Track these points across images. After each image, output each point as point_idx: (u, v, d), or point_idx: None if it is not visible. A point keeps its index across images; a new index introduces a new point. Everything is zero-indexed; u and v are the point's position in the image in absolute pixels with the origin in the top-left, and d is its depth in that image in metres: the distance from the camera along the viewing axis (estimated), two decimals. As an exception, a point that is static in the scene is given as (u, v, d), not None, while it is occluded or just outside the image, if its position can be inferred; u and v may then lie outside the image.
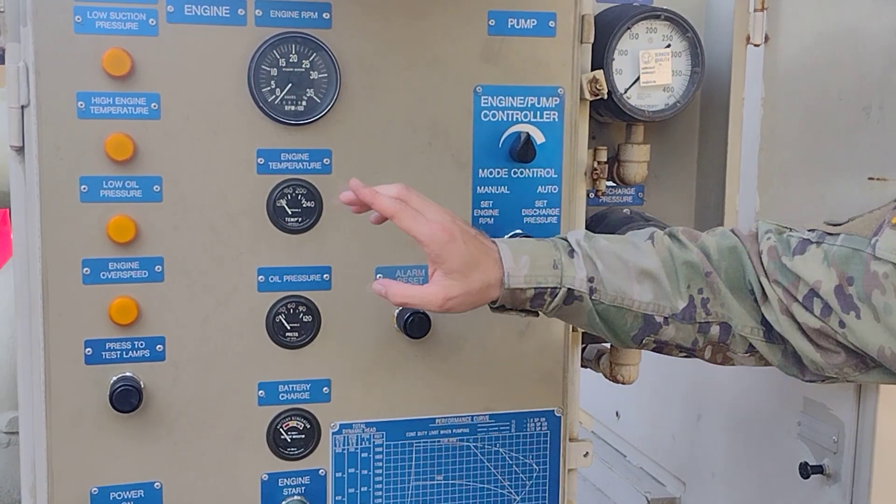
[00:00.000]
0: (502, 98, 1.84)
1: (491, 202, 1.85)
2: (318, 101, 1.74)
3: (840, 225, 1.50)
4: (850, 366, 1.48)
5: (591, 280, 1.54)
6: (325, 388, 1.82)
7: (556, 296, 1.54)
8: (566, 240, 1.59)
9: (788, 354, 1.54)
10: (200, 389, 1.75)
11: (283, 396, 1.80)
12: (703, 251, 1.56)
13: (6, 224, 5.71)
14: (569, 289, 1.54)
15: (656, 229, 1.63)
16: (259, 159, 1.74)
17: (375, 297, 1.79)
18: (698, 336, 1.55)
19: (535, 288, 1.54)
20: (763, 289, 1.51)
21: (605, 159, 1.98)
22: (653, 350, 1.60)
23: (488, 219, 1.85)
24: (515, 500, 1.93)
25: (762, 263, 1.51)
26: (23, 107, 1.65)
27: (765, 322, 1.53)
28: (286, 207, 1.76)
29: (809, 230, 1.51)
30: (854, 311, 1.41)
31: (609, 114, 1.99)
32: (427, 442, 1.88)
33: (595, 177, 1.97)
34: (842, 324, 1.43)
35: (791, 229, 1.54)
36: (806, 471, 2.34)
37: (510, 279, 1.53)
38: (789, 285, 1.47)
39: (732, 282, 1.54)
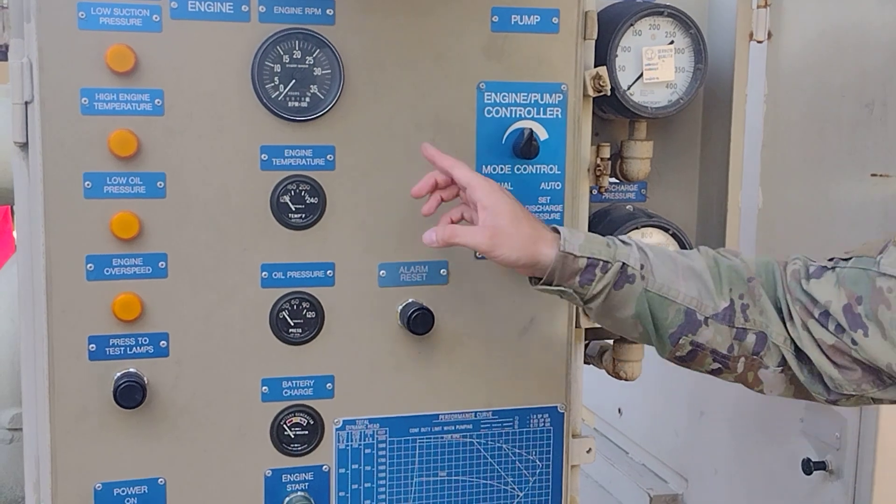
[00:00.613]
0: (505, 94, 1.84)
1: (494, 198, 1.85)
2: (322, 97, 1.75)
3: (853, 250, 1.55)
4: (868, 382, 1.51)
5: (641, 267, 1.59)
6: (329, 385, 1.82)
7: (607, 271, 1.58)
8: (621, 238, 1.65)
9: (814, 372, 1.56)
10: (204, 385, 1.76)
11: (286, 393, 1.80)
12: (743, 262, 1.62)
13: (8, 221, 5.71)
14: (622, 265, 1.58)
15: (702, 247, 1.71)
16: (262, 155, 1.74)
17: (378, 293, 1.81)
18: (734, 343, 1.58)
19: (588, 258, 1.58)
20: (788, 306, 1.56)
21: (608, 156, 1.98)
22: (686, 356, 1.61)
23: (491, 215, 1.85)
24: (518, 496, 1.93)
25: (786, 283, 1.57)
26: (26, 103, 1.65)
27: (791, 337, 1.57)
28: (289, 203, 1.76)
29: (829, 259, 1.56)
30: (862, 329, 1.46)
31: (612, 110, 1.99)
32: (430, 438, 1.88)
33: (598, 173, 1.97)
34: (853, 341, 1.48)
35: (815, 261, 1.60)
36: (808, 467, 2.34)
37: (566, 243, 1.59)
38: (807, 303, 1.53)
39: (768, 293, 1.59)
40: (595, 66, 1.89)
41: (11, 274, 2.26)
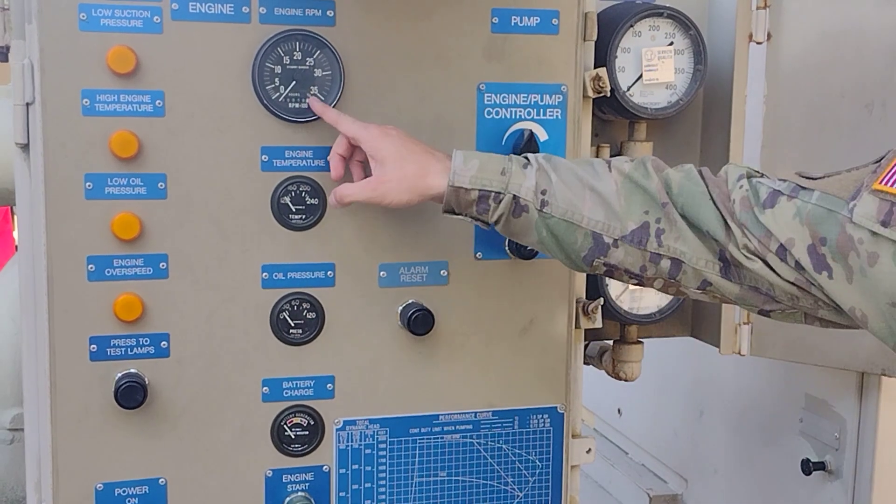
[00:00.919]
0: (506, 95, 1.84)
1: (494, 199, 1.85)
2: (322, 98, 1.75)
3: (814, 179, 1.45)
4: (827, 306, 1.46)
5: (543, 192, 1.56)
6: (329, 385, 1.82)
7: (500, 202, 1.57)
8: (526, 157, 1.61)
9: (746, 289, 1.51)
10: (205, 386, 1.76)
11: (287, 393, 1.80)
12: (665, 183, 1.55)
13: (8, 222, 5.71)
14: (514, 196, 1.57)
15: (621, 156, 1.64)
16: (263, 156, 1.74)
17: (379, 294, 1.81)
18: (648, 264, 1.54)
19: (480, 190, 1.58)
20: (736, 238, 1.47)
21: (608, 157, 1.98)
22: (604, 274, 1.61)
23: (491, 216, 1.85)
24: (518, 496, 1.94)
25: (734, 213, 1.48)
26: (28, 104, 1.65)
27: (722, 258, 1.51)
28: (290, 204, 1.76)
29: (780, 179, 1.48)
30: (826, 271, 1.39)
31: (612, 111, 1.99)
32: (430, 438, 1.88)
33: (598, 174, 1.97)
34: (814, 280, 1.41)
35: (761, 174, 1.52)
36: (808, 467, 2.34)
37: (455, 176, 1.58)
38: (762, 237, 1.45)
39: (690, 219, 1.52)
40: (595, 68, 1.89)
41: (13, 274, 2.26)
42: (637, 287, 2.05)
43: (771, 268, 1.45)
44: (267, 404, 1.80)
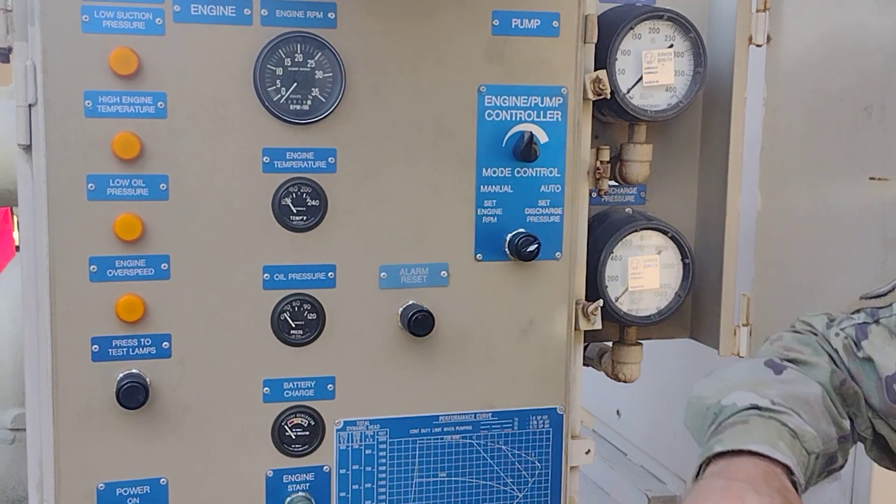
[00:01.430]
0: (506, 98, 1.85)
1: (494, 201, 1.86)
2: (323, 100, 1.75)
3: (883, 296, 1.47)
4: None
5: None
6: (330, 386, 1.83)
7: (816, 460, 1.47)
8: (777, 419, 1.44)
9: (877, 448, 1.53)
10: (206, 386, 1.77)
11: (287, 393, 1.81)
12: (815, 370, 1.51)
13: (7, 223, 5.72)
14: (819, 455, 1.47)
15: (819, 386, 1.51)
16: (264, 158, 1.75)
17: (379, 295, 1.82)
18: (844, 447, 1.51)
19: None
20: (858, 394, 1.48)
21: (608, 159, 1.99)
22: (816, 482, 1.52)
23: (492, 217, 1.86)
24: (518, 497, 1.94)
25: (843, 363, 1.47)
26: (30, 105, 1.66)
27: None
28: (291, 206, 1.77)
29: (854, 313, 1.48)
30: None
31: (612, 113, 2.00)
32: (430, 439, 1.89)
33: (598, 176, 1.98)
34: None
35: (833, 317, 1.52)
36: (806, 469, 2.34)
37: (800, 487, 1.41)
38: (870, 371, 1.45)
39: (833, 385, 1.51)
40: (595, 70, 1.90)
41: (14, 275, 2.26)
42: (636, 288, 2.06)
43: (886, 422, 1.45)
44: (268, 405, 1.80)
